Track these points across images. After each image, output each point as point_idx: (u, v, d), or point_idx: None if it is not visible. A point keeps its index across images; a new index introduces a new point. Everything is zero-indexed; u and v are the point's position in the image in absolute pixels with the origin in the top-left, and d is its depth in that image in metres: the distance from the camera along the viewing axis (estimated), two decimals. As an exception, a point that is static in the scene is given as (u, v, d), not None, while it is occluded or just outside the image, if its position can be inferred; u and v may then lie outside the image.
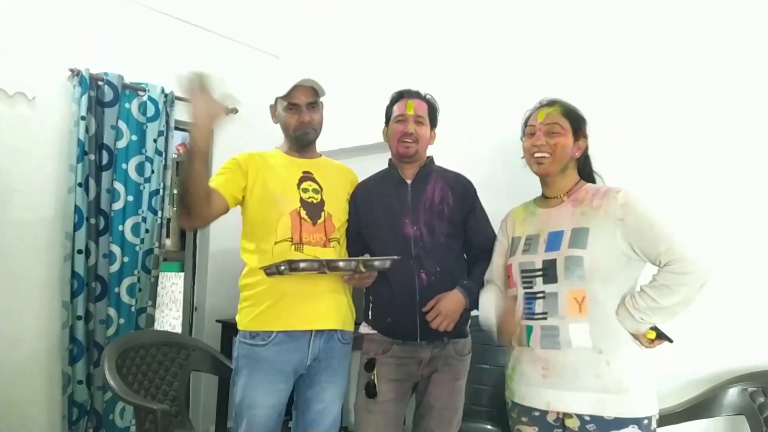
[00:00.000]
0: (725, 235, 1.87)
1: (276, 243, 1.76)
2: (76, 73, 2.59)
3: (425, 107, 1.86)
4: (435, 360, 1.78)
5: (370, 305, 1.86)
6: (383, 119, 1.93)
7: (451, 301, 1.71)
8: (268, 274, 1.67)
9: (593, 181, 1.62)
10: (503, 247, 1.69)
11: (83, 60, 2.62)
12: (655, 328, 1.42)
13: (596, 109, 1.68)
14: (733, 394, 1.84)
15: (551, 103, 1.58)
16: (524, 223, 1.63)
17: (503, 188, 2.10)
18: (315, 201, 1.83)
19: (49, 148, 2.57)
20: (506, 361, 1.62)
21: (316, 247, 1.78)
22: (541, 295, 1.48)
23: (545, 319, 1.46)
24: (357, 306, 1.93)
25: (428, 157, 1.91)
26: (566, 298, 1.43)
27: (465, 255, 1.87)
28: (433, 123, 1.90)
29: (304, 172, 1.87)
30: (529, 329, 1.50)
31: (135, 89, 2.76)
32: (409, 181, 1.85)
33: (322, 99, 1.90)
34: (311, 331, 1.76)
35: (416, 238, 1.75)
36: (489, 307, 1.67)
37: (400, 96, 1.88)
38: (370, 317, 1.86)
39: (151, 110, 2.78)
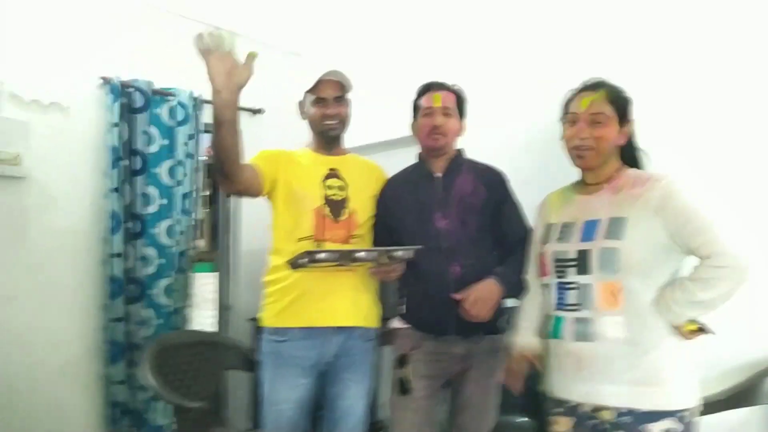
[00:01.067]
0: (763, 221, 1.82)
1: (299, 240, 1.79)
2: (107, 81, 2.65)
3: (453, 98, 1.84)
4: (469, 356, 1.76)
5: (405, 300, 1.86)
6: (409, 113, 1.91)
7: (485, 289, 1.69)
8: (293, 268, 1.68)
9: (638, 164, 1.53)
10: (538, 234, 1.64)
11: (113, 68, 2.68)
12: (695, 320, 1.38)
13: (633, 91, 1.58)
14: (777, 382, 1.79)
15: (595, 87, 1.48)
16: (560, 210, 1.58)
17: (533, 180, 2.07)
18: (339, 198, 1.84)
19: (84, 155, 2.64)
20: (543, 354, 1.60)
21: (337, 243, 1.80)
22: (574, 285, 1.45)
23: (578, 310, 1.44)
24: (386, 302, 1.93)
25: (458, 150, 1.89)
26: (600, 290, 1.40)
27: (498, 247, 1.84)
28: (462, 114, 1.87)
29: (330, 170, 1.88)
30: (560, 321, 1.48)
31: (164, 94, 2.81)
32: (439, 174, 1.83)
33: (349, 95, 1.91)
34: (330, 327, 1.79)
35: (448, 231, 1.74)
36: (526, 325, 1.65)
37: (427, 88, 1.85)
38: (404, 311, 1.85)
39: (180, 114, 2.83)
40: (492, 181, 1.84)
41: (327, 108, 1.85)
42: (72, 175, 2.61)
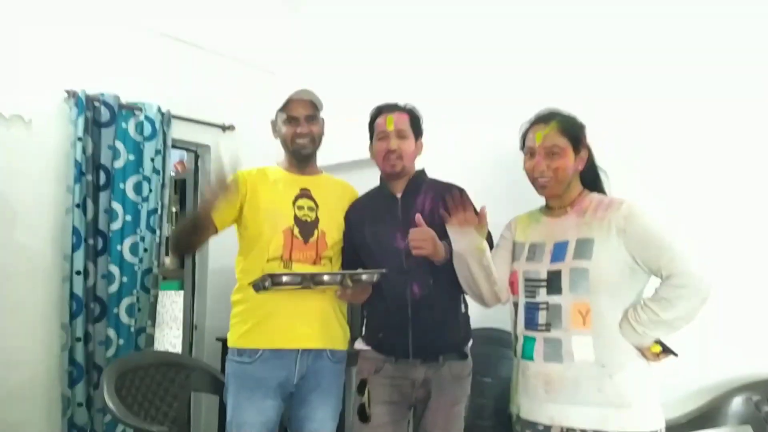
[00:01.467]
0: (726, 243, 1.86)
1: (267, 261, 1.78)
2: (72, 94, 2.59)
3: (406, 119, 1.81)
4: (429, 382, 1.72)
5: (365, 320, 1.85)
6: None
7: (431, 233, 1.61)
8: (255, 290, 1.67)
9: (598, 185, 1.59)
10: (506, 242, 1.65)
11: (79, 81, 2.62)
12: (659, 342, 1.40)
13: (593, 113, 1.65)
14: (738, 403, 1.82)
15: (547, 120, 1.54)
16: (527, 229, 1.61)
17: (503, 198, 2.09)
18: (309, 219, 1.83)
19: (47, 169, 2.57)
20: (512, 374, 1.61)
21: (305, 264, 1.79)
22: (543, 306, 1.47)
23: (548, 330, 1.45)
24: (355, 322, 1.91)
25: (418, 171, 1.87)
26: (570, 310, 1.42)
27: None
28: (417, 134, 1.85)
29: (301, 189, 1.87)
30: (532, 341, 1.49)
31: (131, 109, 2.76)
32: (398, 195, 1.82)
33: (322, 114, 1.91)
34: (298, 349, 1.77)
35: (408, 252, 1.70)
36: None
37: (379, 111, 1.83)
38: (363, 332, 1.84)
39: (147, 129, 2.78)
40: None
41: (298, 127, 1.85)
42: (34, 190, 2.54)
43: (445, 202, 1.60)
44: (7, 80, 2.46)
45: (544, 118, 1.55)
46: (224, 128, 3.23)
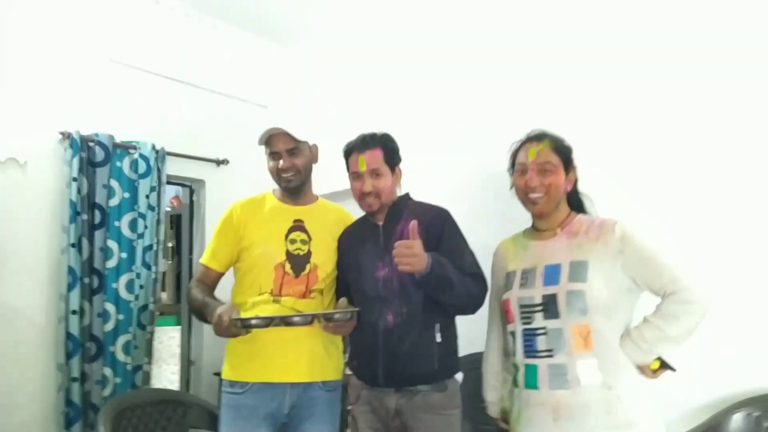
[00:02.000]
0: (723, 257, 1.87)
1: (259, 294, 1.80)
2: (66, 135, 2.63)
3: (379, 155, 1.76)
4: (402, 412, 1.67)
5: (349, 347, 1.86)
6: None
7: (419, 245, 1.54)
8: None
9: (582, 207, 1.61)
10: (497, 284, 1.66)
11: (73, 122, 2.66)
12: (659, 358, 1.41)
13: (579, 135, 1.67)
14: (738, 419, 1.81)
15: (539, 138, 1.55)
16: (516, 257, 1.61)
17: (492, 220, 2.11)
18: (301, 252, 1.84)
19: (42, 210, 2.59)
20: (510, 404, 1.59)
21: (293, 298, 1.80)
22: (542, 331, 1.45)
23: (551, 356, 1.43)
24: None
25: (400, 196, 1.84)
26: (571, 333, 1.41)
27: None
28: (394, 164, 1.81)
29: (294, 221, 1.87)
30: (534, 369, 1.46)
31: (126, 147, 2.80)
32: (380, 224, 1.81)
33: (311, 142, 1.90)
34: (288, 383, 1.78)
35: (386, 280, 1.70)
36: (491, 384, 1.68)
37: (350, 150, 1.80)
38: (347, 359, 1.86)
39: (142, 167, 2.81)
40: (430, 222, 1.72)
41: (280, 161, 1.84)
42: (30, 230, 2.56)
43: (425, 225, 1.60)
44: (2, 124, 2.49)
45: (536, 137, 1.57)
46: (218, 162, 3.26)
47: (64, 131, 2.63)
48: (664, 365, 1.41)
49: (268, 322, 1.66)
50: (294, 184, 1.88)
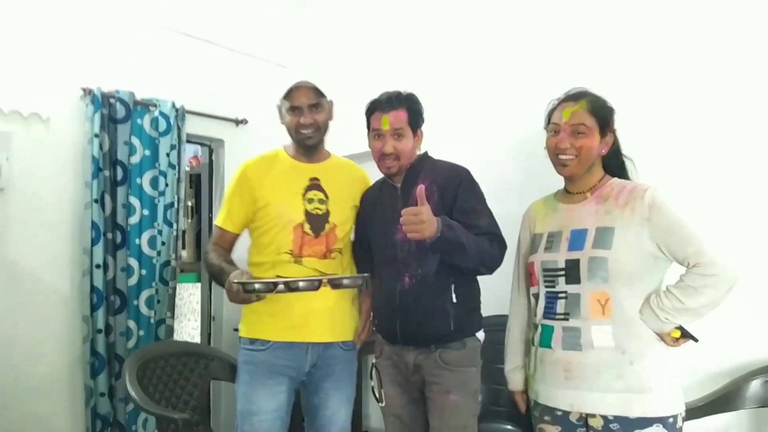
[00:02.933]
0: (745, 228, 1.85)
1: (278, 254, 1.78)
2: (88, 92, 2.63)
3: (403, 116, 1.73)
4: (421, 368, 1.70)
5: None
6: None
7: (427, 211, 1.51)
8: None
9: (623, 172, 1.56)
10: (524, 246, 1.66)
11: (95, 79, 2.66)
12: (680, 327, 1.40)
13: (618, 99, 1.60)
14: (756, 386, 1.82)
15: (577, 98, 1.51)
16: (545, 220, 1.59)
17: (520, 187, 2.08)
18: (320, 212, 1.81)
19: (65, 166, 2.62)
20: (527, 360, 1.62)
21: (314, 258, 1.78)
22: (563, 295, 1.46)
23: (566, 319, 1.45)
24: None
25: (418, 156, 1.81)
26: (589, 299, 1.42)
27: None
28: (416, 126, 1.78)
29: (311, 179, 1.84)
30: (550, 329, 1.48)
31: (146, 105, 2.80)
32: (398, 186, 1.79)
33: (329, 99, 1.86)
34: (308, 342, 1.78)
35: (404, 242, 1.69)
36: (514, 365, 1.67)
37: (374, 107, 1.77)
38: (372, 317, 1.88)
39: (162, 125, 2.81)
40: (445, 182, 1.71)
41: (301, 116, 1.80)
42: (53, 186, 2.59)
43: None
44: (24, 79, 2.50)
45: (573, 97, 1.52)
46: (237, 122, 3.26)
47: (85, 87, 2.63)
48: (685, 335, 1.41)
49: (271, 287, 1.60)
50: (312, 141, 1.85)
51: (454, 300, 1.69)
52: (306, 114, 1.80)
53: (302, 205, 1.80)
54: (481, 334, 1.76)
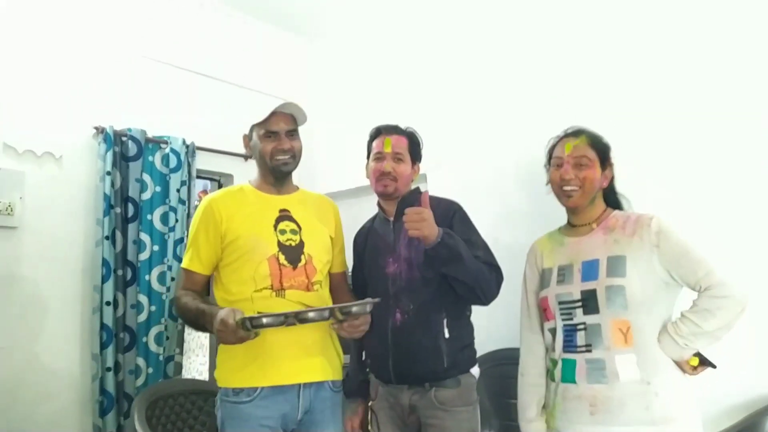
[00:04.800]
0: (758, 253, 1.83)
1: (255, 291, 1.64)
2: (100, 130, 2.68)
3: (405, 143, 1.78)
4: (417, 408, 1.66)
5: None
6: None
7: (429, 213, 1.51)
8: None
9: (619, 206, 1.60)
10: (533, 282, 1.65)
11: (107, 117, 2.72)
12: (698, 355, 1.40)
13: (617, 134, 1.66)
14: (775, 420, 1.77)
15: (577, 134, 1.57)
16: (552, 254, 1.60)
17: (525, 217, 2.08)
18: (293, 243, 1.70)
19: (77, 203, 2.65)
20: (546, 396, 1.58)
21: (298, 291, 1.66)
22: (582, 326, 1.46)
23: (589, 351, 1.44)
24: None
25: (410, 190, 1.81)
26: (610, 328, 1.41)
27: (449, 288, 1.66)
28: (415, 158, 1.82)
29: (280, 211, 1.74)
30: (572, 363, 1.47)
31: (157, 142, 2.85)
32: (391, 218, 1.79)
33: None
34: (300, 384, 1.64)
35: (395, 276, 1.69)
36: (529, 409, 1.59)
37: (378, 132, 1.82)
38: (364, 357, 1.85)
39: (173, 161, 2.86)
40: (439, 215, 1.65)
41: (279, 142, 1.73)
42: (65, 224, 2.62)
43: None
44: (37, 119, 2.55)
45: (574, 133, 1.58)
46: (246, 157, 3.29)
47: (98, 126, 2.69)
48: (704, 362, 1.40)
49: (282, 319, 1.48)
50: (289, 168, 1.77)
51: (447, 335, 1.67)
52: (284, 140, 1.74)
53: (274, 237, 1.69)
54: (476, 370, 1.73)
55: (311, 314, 1.52)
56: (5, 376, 2.39)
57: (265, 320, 1.47)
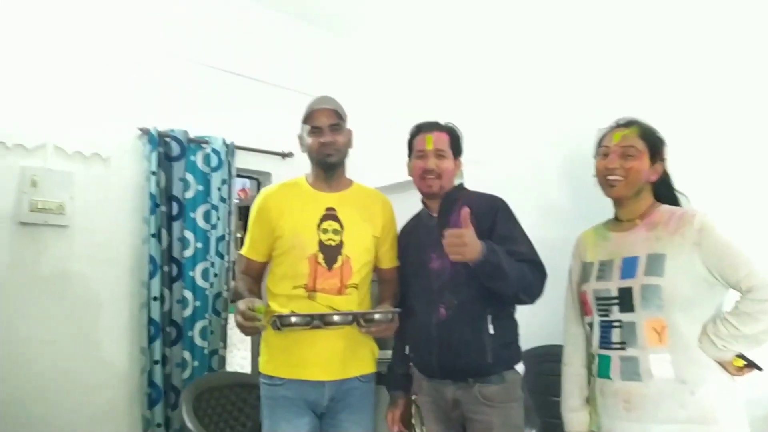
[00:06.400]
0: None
1: (294, 288, 1.75)
2: (145, 131, 2.77)
3: (446, 139, 1.79)
4: (461, 403, 1.67)
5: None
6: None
7: (470, 234, 1.49)
8: (273, 330, 1.65)
9: (675, 203, 1.54)
10: (576, 274, 1.64)
11: (151, 119, 2.80)
12: (742, 356, 1.36)
13: (669, 130, 1.59)
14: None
15: (628, 124, 1.53)
16: (596, 248, 1.58)
17: (568, 213, 2.05)
18: (333, 243, 1.75)
19: (124, 202, 2.74)
20: (590, 393, 1.57)
21: (329, 295, 1.73)
22: (617, 324, 1.44)
23: (623, 349, 1.42)
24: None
25: (453, 187, 1.82)
26: (645, 327, 1.39)
27: None
28: (457, 153, 1.82)
29: (327, 209, 1.80)
30: (607, 359, 1.46)
31: (199, 142, 2.92)
32: (435, 215, 1.79)
33: (348, 128, 1.87)
34: (324, 380, 1.74)
35: (439, 272, 1.69)
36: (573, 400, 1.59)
37: (419, 130, 1.82)
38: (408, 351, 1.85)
39: (214, 161, 2.93)
40: (482, 210, 1.68)
41: (322, 136, 1.79)
42: (113, 223, 2.71)
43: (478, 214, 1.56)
44: (85, 122, 2.65)
45: (625, 123, 1.54)
46: (283, 155, 3.34)
47: (142, 127, 2.77)
48: (749, 364, 1.36)
49: (308, 320, 1.60)
50: (333, 160, 1.82)
51: (491, 332, 1.66)
52: (327, 133, 1.79)
53: (317, 236, 1.76)
54: (520, 367, 1.72)
55: (336, 318, 1.64)
56: (58, 369, 2.50)
57: (293, 319, 1.61)
